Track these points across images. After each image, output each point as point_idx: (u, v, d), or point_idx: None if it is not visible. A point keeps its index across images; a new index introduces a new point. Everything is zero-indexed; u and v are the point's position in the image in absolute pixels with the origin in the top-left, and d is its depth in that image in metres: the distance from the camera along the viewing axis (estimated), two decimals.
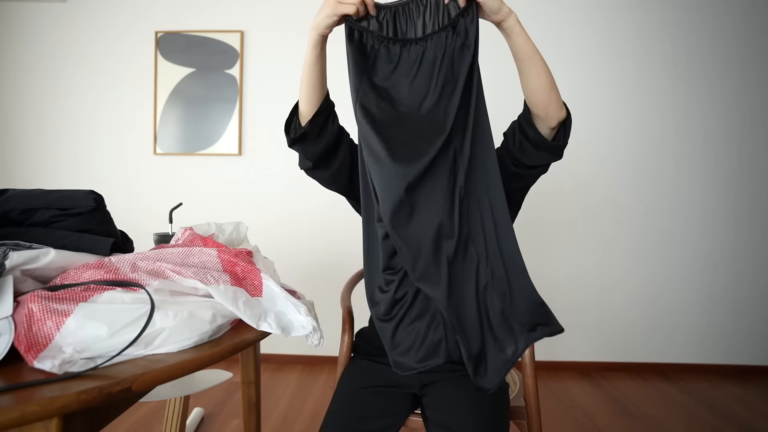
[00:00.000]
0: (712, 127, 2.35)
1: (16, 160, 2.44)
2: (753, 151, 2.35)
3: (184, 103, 2.38)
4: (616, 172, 2.35)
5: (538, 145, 0.83)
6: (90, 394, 0.45)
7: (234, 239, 1.01)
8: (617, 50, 2.35)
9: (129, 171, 2.42)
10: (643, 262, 2.37)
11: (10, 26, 2.44)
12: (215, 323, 0.63)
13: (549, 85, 0.79)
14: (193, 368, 0.56)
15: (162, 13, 2.41)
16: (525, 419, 1.00)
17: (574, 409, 1.89)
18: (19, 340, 0.50)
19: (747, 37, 2.33)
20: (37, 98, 2.44)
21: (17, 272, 0.60)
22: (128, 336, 0.54)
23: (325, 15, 0.76)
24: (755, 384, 2.20)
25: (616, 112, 2.35)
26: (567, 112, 0.82)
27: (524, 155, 0.84)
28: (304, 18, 2.37)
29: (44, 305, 0.53)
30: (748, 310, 2.36)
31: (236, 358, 1.04)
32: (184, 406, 1.43)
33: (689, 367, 2.35)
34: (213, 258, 0.76)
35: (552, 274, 2.35)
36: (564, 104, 0.82)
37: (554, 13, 2.34)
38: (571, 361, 2.37)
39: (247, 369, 1.17)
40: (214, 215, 2.18)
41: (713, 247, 2.36)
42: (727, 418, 1.83)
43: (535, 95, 0.80)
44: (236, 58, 2.38)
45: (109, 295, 0.58)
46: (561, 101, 0.81)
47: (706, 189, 2.36)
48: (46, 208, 0.71)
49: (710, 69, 2.34)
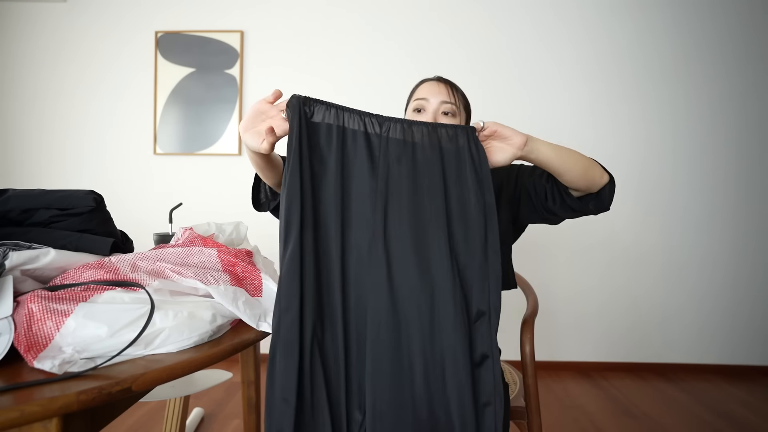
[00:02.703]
0: (711, 128, 2.35)
1: (17, 160, 2.44)
2: (752, 152, 2.35)
3: (184, 103, 2.38)
4: (616, 172, 2.35)
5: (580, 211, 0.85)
6: (90, 394, 0.45)
7: (234, 239, 1.01)
8: (616, 54, 2.35)
9: (129, 171, 2.42)
10: (642, 262, 2.36)
11: (10, 26, 2.44)
12: (215, 323, 0.63)
13: (584, 171, 0.78)
14: (193, 368, 0.56)
15: (162, 13, 2.41)
16: (525, 419, 1.00)
17: (574, 409, 1.89)
18: (19, 340, 0.50)
19: (746, 40, 2.33)
20: (37, 98, 2.44)
21: (17, 272, 0.60)
22: (128, 336, 0.54)
23: (249, 148, 0.72)
24: (755, 384, 2.20)
25: (616, 113, 2.35)
26: (609, 177, 0.82)
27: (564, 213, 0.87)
28: (304, 18, 2.37)
29: (44, 305, 0.53)
30: (747, 310, 2.36)
31: (236, 358, 1.04)
32: (184, 406, 1.43)
33: (689, 367, 2.35)
34: (213, 258, 0.76)
35: (551, 275, 2.35)
36: (605, 171, 0.82)
37: (552, 16, 2.34)
38: (571, 361, 2.37)
39: (247, 369, 1.17)
40: (214, 215, 2.18)
41: (713, 247, 2.36)
42: (727, 418, 1.83)
43: (573, 184, 0.80)
44: (236, 58, 2.38)
45: (109, 295, 0.58)
46: (600, 172, 0.80)
47: (706, 189, 2.36)
48: (46, 208, 0.71)
49: (709, 71, 2.34)
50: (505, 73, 2.34)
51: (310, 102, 0.70)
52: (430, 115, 0.89)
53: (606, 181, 0.81)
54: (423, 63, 2.34)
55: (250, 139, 0.71)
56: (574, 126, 2.35)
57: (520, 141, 0.74)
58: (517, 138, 0.73)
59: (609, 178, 0.82)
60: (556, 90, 2.34)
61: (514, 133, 0.73)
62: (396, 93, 2.18)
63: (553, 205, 0.86)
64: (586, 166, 0.78)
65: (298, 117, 0.68)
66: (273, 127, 0.70)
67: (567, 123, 2.35)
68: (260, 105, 0.72)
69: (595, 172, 0.79)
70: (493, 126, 0.73)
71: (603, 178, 0.81)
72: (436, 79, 0.94)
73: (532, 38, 2.33)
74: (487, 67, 2.34)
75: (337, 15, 2.38)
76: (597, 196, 0.83)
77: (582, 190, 0.81)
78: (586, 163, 0.78)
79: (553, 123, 2.33)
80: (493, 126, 0.73)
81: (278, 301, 0.63)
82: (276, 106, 0.72)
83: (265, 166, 0.78)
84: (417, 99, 0.92)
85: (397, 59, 2.36)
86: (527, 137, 0.74)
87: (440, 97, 0.90)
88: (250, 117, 0.72)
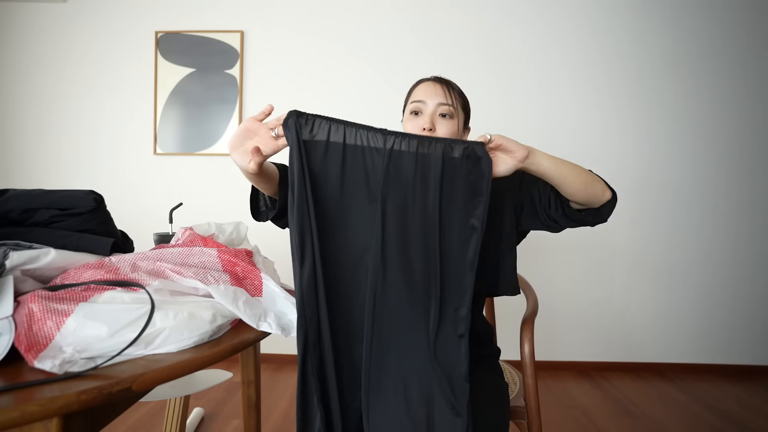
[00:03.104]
0: (712, 128, 2.35)
1: (17, 160, 2.44)
2: (753, 152, 2.35)
3: (184, 103, 2.38)
4: (615, 172, 2.35)
5: (579, 222, 0.85)
6: (90, 394, 0.45)
7: (234, 239, 1.01)
8: (618, 54, 2.35)
9: (129, 171, 2.42)
10: (642, 262, 2.37)
11: (10, 26, 2.44)
12: (215, 323, 0.63)
13: (585, 185, 0.78)
14: (193, 368, 0.56)
15: (162, 13, 2.41)
16: (525, 419, 1.00)
17: (574, 409, 1.89)
18: (20, 340, 0.50)
19: (747, 38, 2.33)
20: (38, 98, 2.44)
21: (17, 272, 0.60)
22: (128, 336, 0.54)
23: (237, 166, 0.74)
24: (755, 384, 2.20)
25: (616, 114, 2.36)
26: (612, 193, 0.81)
27: (566, 222, 0.86)
28: (304, 18, 2.37)
29: (44, 305, 0.53)
30: (747, 310, 2.36)
31: (236, 358, 1.04)
32: (184, 406, 1.43)
33: (689, 367, 2.35)
34: (213, 258, 0.76)
35: (551, 275, 2.35)
36: (608, 187, 0.81)
37: (556, 14, 2.34)
38: (571, 361, 2.37)
39: (247, 369, 1.17)
40: (214, 215, 2.18)
41: (713, 247, 2.36)
42: (727, 418, 1.83)
43: (573, 197, 0.80)
44: (236, 58, 2.38)
45: (109, 295, 0.58)
46: (602, 188, 0.80)
47: (706, 189, 2.36)
48: (47, 208, 0.71)
49: (711, 70, 2.34)
50: (506, 71, 2.34)
51: (308, 118, 0.69)
52: (428, 118, 0.88)
53: (608, 198, 0.81)
54: (423, 63, 2.34)
55: (238, 158, 0.72)
56: (579, 125, 2.35)
57: (522, 154, 0.74)
58: (521, 151, 0.74)
59: (611, 195, 0.81)
60: (564, 89, 2.34)
61: (518, 147, 0.74)
62: (396, 93, 2.19)
63: (555, 212, 0.85)
64: (586, 182, 0.78)
65: (296, 139, 0.67)
66: (259, 147, 0.70)
67: (572, 122, 2.35)
68: (248, 123, 0.72)
69: (597, 189, 0.79)
70: (498, 140, 0.73)
71: (605, 194, 0.80)
72: (433, 80, 0.93)
73: (537, 37, 2.33)
74: (487, 66, 2.34)
75: (338, 15, 2.37)
76: (597, 210, 0.82)
77: (582, 204, 0.81)
78: (586, 179, 0.78)
79: (557, 122, 2.34)
80: (498, 140, 0.73)
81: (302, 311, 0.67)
82: (265, 125, 0.72)
83: (258, 179, 0.77)
84: (414, 101, 0.91)
85: (398, 60, 2.36)
86: (529, 150, 0.75)
87: (437, 99, 0.89)
88: (237, 135, 0.72)
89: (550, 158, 0.77)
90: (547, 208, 0.86)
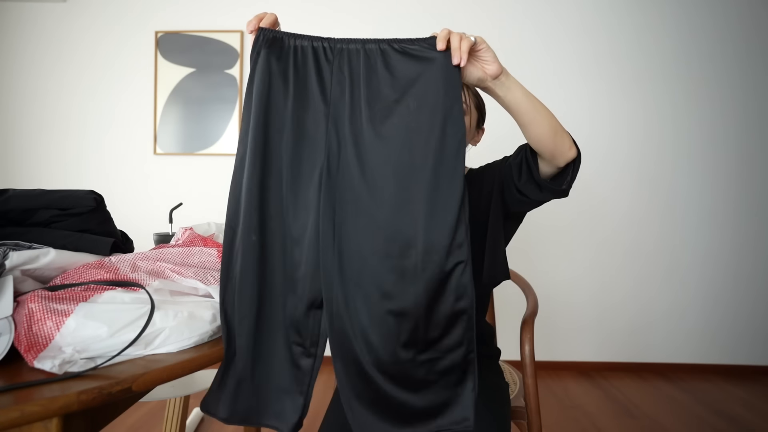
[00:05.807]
0: (711, 128, 2.35)
1: (17, 160, 2.44)
2: (752, 152, 2.35)
3: (184, 103, 2.38)
4: (615, 172, 2.35)
5: (540, 186, 0.79)
6: (90, 394, 0.45)
7: None
8: (615, 52, 2.35)
9: (129, 171, 2.42)
10: (642, 262, 2.36)
11: (10, 26, 2.44)
12: (215, 323, 0.63)
13: (553, 131, 0.73)
14: (193, 368, 0.56)
15: (162, 13, 2.41)
16: (525, 419, 1.00)
17: (574, 409, 1.89)
18: (19, 340, 0.50)
19: (746, 39, 2.33)
20: (38, 98, 2.44)
21: (17, 272, 0.60)
22: (128, 336, 0.54)
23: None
24: (755, 384, 2.20)
25: (616, 114, 2.36)
26: (577, 152, 0.77)
27: (530, 192, 0.81)
28: (304, 18, 2.37)
29: (44, 305, 0.53)
30: (748, 310, 2.36)
31: None
32: (184, 406, 1.43)
33: (689, 367, 2.35)
34: (213, 258, 0.76)
35: (551, 275, 2.35)
36: (573, 143, 0.77)
37: (551, 16, 2.34)
38: (571, 361, 2.37)
39: None
40: (214, 215, 2.18)
41: (713, 247, 2.36)
42: (728, 418, 1.83)
43: (539, 143, 0.75)
44: (236, 58, 2.38)
45: (109, 295, 0.58)
46: (569, 142, 0.76)
47: (706, 189, 2.36)
48: (46, 208, 0.71)
49: (709, 70, 2.34)
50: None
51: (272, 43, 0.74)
52: None
53: (573, 156, 0.76)
54: None
55: None
56: (571, 124, 2.34)
57: (495, 69, 0.68)
58: (494, 66, 0.68)
59: (576, 153, 0.77)
60: (558, 88, 2.33)
61: (494, 60, 0.69)
62: None
63: (518, 180, 0.81)
64: (555, 128, 0.74)
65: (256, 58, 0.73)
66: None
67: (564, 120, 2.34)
68: None
69: (565, 140, 0.75)
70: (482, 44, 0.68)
71: (571, 150, 0.76)
72: None
73: (533, 40, 2.33)
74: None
75: (338, 16, 2.37)
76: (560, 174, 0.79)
77: (547, 156, 0.76)
78: (556, 125, 0.74)
79: (565, 120, 2.33)
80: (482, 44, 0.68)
81: None
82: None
83: None
84: None
85: None
86: (504, 69, 0.70)
87: None
88: None
89: (524, 89, 0.72)
90: (517, 179, 0.82)
